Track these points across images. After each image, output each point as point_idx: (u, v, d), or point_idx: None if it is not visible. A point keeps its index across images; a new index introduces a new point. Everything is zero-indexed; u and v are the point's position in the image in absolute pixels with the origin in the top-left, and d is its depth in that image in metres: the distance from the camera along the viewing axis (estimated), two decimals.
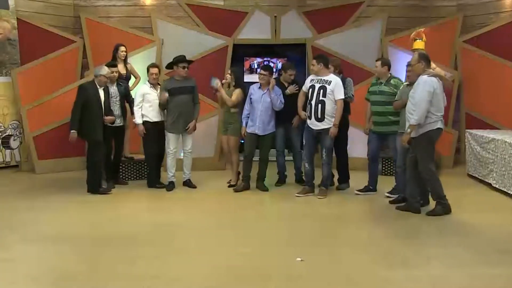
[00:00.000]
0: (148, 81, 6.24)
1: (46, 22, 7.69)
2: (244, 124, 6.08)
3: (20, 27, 7.39)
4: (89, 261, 3.84)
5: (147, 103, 6.12)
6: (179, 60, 6.09)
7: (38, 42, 7.45)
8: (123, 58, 6.83)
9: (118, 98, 6.17)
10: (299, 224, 4.82)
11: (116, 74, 6.18)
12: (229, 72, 6.33)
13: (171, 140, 6.13)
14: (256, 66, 8.76)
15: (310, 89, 5.71)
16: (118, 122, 6.16)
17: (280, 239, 4.39)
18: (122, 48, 6.81)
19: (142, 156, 6.64)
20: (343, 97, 5.62)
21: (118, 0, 8.07)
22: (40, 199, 5.70)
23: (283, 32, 8.12)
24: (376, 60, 5.84)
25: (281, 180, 6.45)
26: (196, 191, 6.14)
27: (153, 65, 6.28)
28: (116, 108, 6.12)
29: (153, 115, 6.14)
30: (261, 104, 5.95)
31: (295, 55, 8.54)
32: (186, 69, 6.09)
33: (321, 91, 5.60)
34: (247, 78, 8.48)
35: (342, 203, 5.62)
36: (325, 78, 5.66)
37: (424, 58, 4.99)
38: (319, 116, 5.61)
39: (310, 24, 8.13)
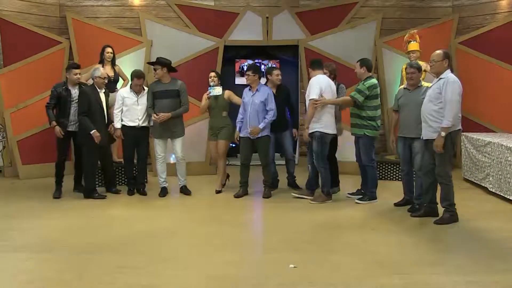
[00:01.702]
0: (130, 86, 6.01)
1: (31, 22, 7.50)
2: (238, 129, 5.95)
3: (2, 27, 7.19)
4: (75, 270, 3.70)
5: (124, 107, 5.92)
6: (154, 62, 5.94)
7: (22, 42, 7.24)
8: (110, 60, 6.66)
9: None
10: (291, 230, 4.69)
11: (79, 76, 5.88)
12: (214, 74, 6.09)
13: (158, 146, 6.01)
14: (246, 69, 8.57)
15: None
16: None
17: (272, 246, 4.27)
18: (109, 50, 6.66)
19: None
20: (313, 97, 5.42)
21: (106, 0, 7.89)
22: (24, 206, 5.56)
23: (275, 33, 8.00)
24: (356, 62, 5.68)
25: (274, 186, 6.33)
26: (187, 197, 5.99)
27: (138, 76, 5.90)
28: (76, 113, 5.82)
29: (130, 120, 5.93)
30: (251, 106, 5.79)
31: (288, 57, 8.41)
32: (157, 71, 5.84)
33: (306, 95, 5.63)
34: (238, 80, 8.33)
35: (337, 208, 5.50)
36: None
37: (449, 57, 4.79)
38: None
39: (303, 25, 8.02)
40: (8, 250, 4.12)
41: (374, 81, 5.54)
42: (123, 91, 6.02)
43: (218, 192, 6.16)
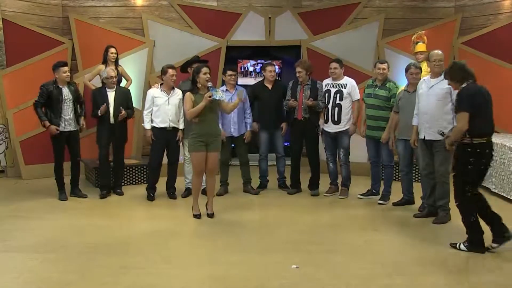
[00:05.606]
0: (161, 84, 5.78)
1: (34, 22, 7.49)
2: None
3: (5, 28, 7.17)
4: (77, 271, 3.72)
5: (155, 107, 5.67)
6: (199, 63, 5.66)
7: (25, 43, 7.21)
8: (114, 60, 6.67)
9: (71, 101, 5.74)
10: (293, 231, 4.70)
11: (68, 74, 5.74)
12: (208, 70, 5.32)
13: (186, 146, 5.75)
14: (251, 69, 8.55)
15: (326, 94, 5.85)
16: (73, 126, 5.78)
17: (274, 246, 4.27)
18: (113, 50, 6.66)
19: (134, 161, 6.53)
20: (359, 97, 5.82)
21: (108, 1, 7.90)
22: (26, 206, 5.57)
23: (278, 34, 8.00)
24: (382, 63, 5.71)
25: (263, 185, 6.34)
26: (188, 198, 5.87)
27: (170, 66, 5.71)
28: (69, 112, 5.71)
29: (160, 121, 5.68)
30: None
31: (290, 57, 8.39)
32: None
33: (338, 95, 5.80)
34: (240, 81, 8.31)
35: (338, 209, 5.52)
36: (341, 82, 5.83)
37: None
38: (336, 119, 5.80)
39: (306, 26, 8.01)
40: (10, 250, 4.13)
41: None
42: (153, 91, 5.77)
43: (197, 216, 5.11)
